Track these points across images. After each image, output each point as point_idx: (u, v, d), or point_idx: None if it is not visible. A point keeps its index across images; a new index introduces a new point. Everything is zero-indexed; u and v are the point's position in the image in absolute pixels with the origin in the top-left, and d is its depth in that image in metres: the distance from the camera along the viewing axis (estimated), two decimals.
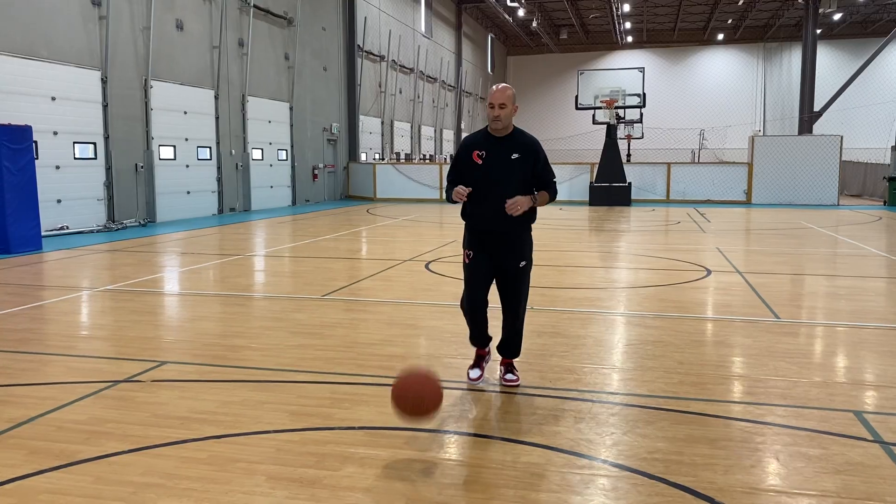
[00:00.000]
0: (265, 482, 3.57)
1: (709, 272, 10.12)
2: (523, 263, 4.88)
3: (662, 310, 7.71)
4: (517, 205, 4.60)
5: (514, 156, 4.73)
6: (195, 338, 6.49)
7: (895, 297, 8.61)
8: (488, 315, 4.99)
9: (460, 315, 6.72)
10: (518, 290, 4.91)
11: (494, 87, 4.76)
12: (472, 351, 5.25)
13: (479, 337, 5.07)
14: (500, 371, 5.14)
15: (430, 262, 11.10)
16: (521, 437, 4.14)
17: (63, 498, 3.42)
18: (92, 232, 15.42)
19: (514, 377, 5.08)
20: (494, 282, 4.95)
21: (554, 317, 7.28)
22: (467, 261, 4.92)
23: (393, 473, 3.68)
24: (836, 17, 43.31)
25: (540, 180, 4.86)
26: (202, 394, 4.92)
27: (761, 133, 40.81)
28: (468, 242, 4.95)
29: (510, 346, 5.10)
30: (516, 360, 5.23)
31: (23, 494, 3.46)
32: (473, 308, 4.89)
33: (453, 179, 4.90)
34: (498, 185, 4.71)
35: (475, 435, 4.20)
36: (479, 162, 4.76)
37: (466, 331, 5.10)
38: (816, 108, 37.38)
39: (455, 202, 4.75)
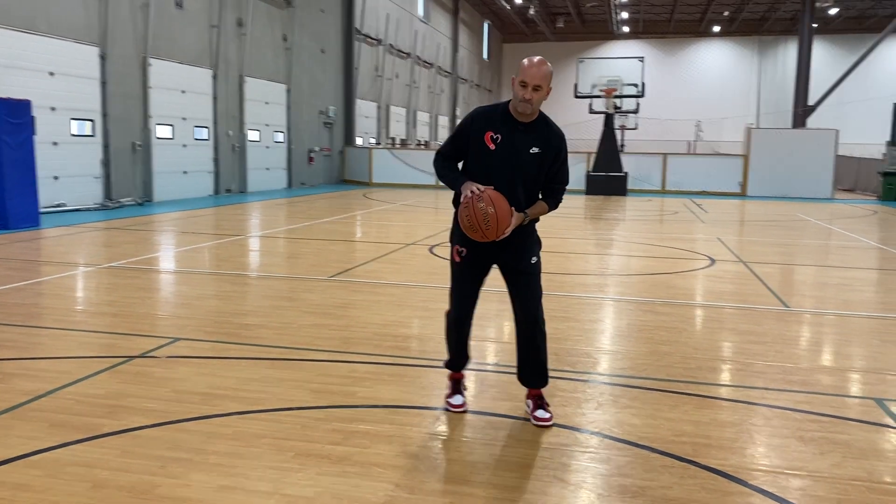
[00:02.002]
0: (294, 458, 3.55)
1: (713, 261, 10.14)
2: (534, 259, 4.01)
3: (671, 297, 7.71)
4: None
5: (534, 150, 3.83)
6: (207, 315, 6.44)
7: None
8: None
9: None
10: (534, 289, 4.00)
11: (528, 60, 3.75)
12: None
13: (457, 356, 4.24)
14: (528, 407, 4.12)
15: (434, 245, 11.07)
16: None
17: (90, 471, 3.37)
18: (89, 210, 15.27)
19: (548, 415, 4.02)
20: (506, 289, 4.07)
21: (564, 302, 7.27)
22: (458, 259, 4.03)
23: (423, 452, 3.67)
24: (832, 11, 43.40)
25: (549, 184, 3.99)
26: (220, 370, 4.88)
27: (755, 126, 40.87)
28: (461, 236, 3.97)
29: (534, 370, 4.08)
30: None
31: (49, 467, 3.42)
32: (460, 316, 4.11)
33: (449, 154, 4.01)
34: (508, 179, 3.83)
35: (500, 415, 4.18)
36: (492, 147, 3.83)
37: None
38: (811, 102, 37.53)
39: (455, 190, 3.88)
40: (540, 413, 4.04)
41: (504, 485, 3.33)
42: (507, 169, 3.84)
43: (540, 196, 4.00)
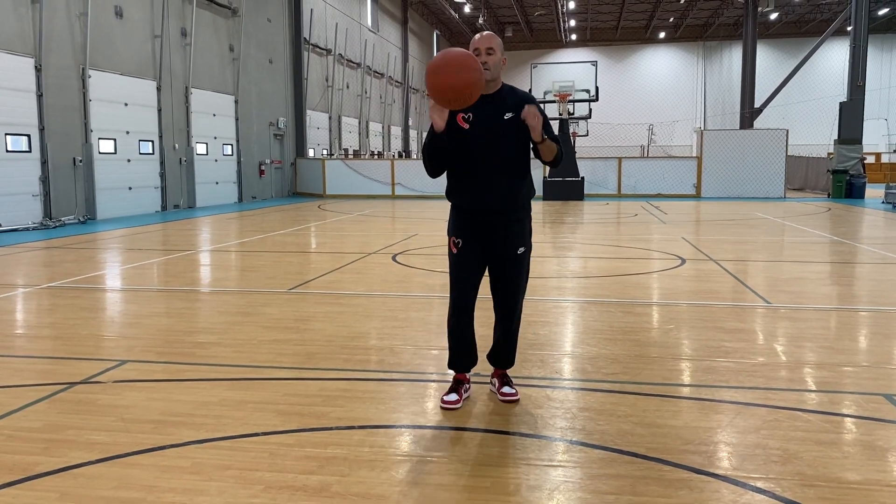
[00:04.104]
0: (264, 492, 3.09)
1: (683, 261, 9.93)
2: (521, 250, 4.02)
3: (649, 297, 7.43)
4: (535, 117, 3.69)
5: (508, 115, 3.82)
6: (156, 335, 5.89)
7: (878, 281, 8.54)
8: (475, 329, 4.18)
9: (441, 305, 6.32)
10: (515, 281, 4.04)
11: (478, 34, 3.92)
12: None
13: (460, 354, 4.13)
14: (494, 384, 4.30)
15: (396, 254, 10.63)
16: (547, 433, 3.74)
17: None
18: (27, 229, 14.43)
19: (513, 391, 4.19)
20: (489, 276, 4.11)
21: (541, 306, 6.92)
22: (454, 250, 4.02)
23: (410, 477, 3.24)
24: (773, 16, 44.39)
25: None
26: (174, 394, 4.37)
27: (702, 129, 41.50)
28: (456, 228, 4.02)
29: (503, 353, 4.25)
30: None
31: None
32: (460, 309, 4.01)
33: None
34: (491, 154, 3.84)
35: (493, 431, 3.78)
36: (466, 126, 3.84)
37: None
38: (757, 104, 38.23)
39: (436, 152, 3.84)
40: (506, 389, 4.19)
41: None
42: (488, 143, 3.83)
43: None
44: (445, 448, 3.56)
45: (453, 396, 4.06)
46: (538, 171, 25.37)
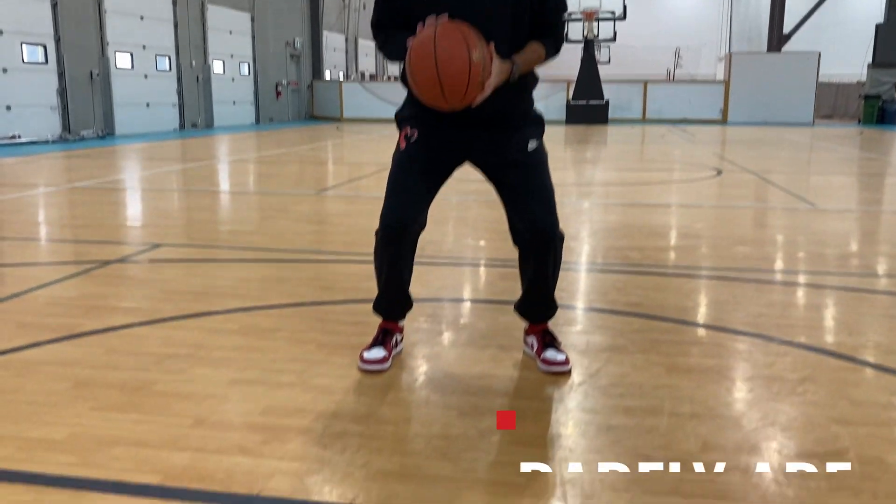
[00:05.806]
0: (316, 350, 2.97)
1: (719, 172, 9.65)
2: (533, 144, 2.59)
3: (693, 200, 7.21)
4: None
5: None
6: (190, 224, 5.78)
7: None
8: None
9: (476, 205, 6.14)
10: (537, 187, 2.58)
11: None
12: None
13: (390, 298, 2.86)
14: (534, 346, 2.81)
15: None
16: (597, 305, 3.59)
17: (70, 369, 2.76)
18: (47, 142, 14.27)
19: (563, 357, 2.72)
20: (497, 194, 2.67)
21: (578, 206, 6.71)
22: (403, 145, 2.69)
23: (459, 338, 3.11)
24: None
25: (539, 22, 2.52)
26: (213, 271, 4.25)
27: (729, 53, 40.35)
28: (413, 116, 2.65)
29: (541, 300, 2.78)
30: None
31: (20, 367, 2.79)
32: (390, 233, 2.68)
33: (384, 20, 2.60)
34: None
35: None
36: None
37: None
38: (785, 30, 37.02)
39: (399, 57, 2.43)
40: (550, 355, 2.73)
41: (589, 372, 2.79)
42: (463, 16, 2.32)
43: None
44: (488, 316, 3.42)
45: (378, 352, 2.77)
46: (561, 95, 24.80)
